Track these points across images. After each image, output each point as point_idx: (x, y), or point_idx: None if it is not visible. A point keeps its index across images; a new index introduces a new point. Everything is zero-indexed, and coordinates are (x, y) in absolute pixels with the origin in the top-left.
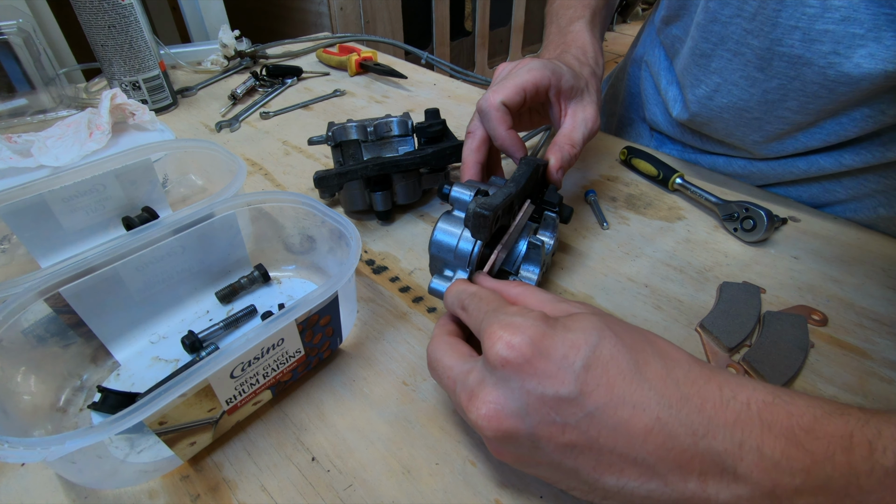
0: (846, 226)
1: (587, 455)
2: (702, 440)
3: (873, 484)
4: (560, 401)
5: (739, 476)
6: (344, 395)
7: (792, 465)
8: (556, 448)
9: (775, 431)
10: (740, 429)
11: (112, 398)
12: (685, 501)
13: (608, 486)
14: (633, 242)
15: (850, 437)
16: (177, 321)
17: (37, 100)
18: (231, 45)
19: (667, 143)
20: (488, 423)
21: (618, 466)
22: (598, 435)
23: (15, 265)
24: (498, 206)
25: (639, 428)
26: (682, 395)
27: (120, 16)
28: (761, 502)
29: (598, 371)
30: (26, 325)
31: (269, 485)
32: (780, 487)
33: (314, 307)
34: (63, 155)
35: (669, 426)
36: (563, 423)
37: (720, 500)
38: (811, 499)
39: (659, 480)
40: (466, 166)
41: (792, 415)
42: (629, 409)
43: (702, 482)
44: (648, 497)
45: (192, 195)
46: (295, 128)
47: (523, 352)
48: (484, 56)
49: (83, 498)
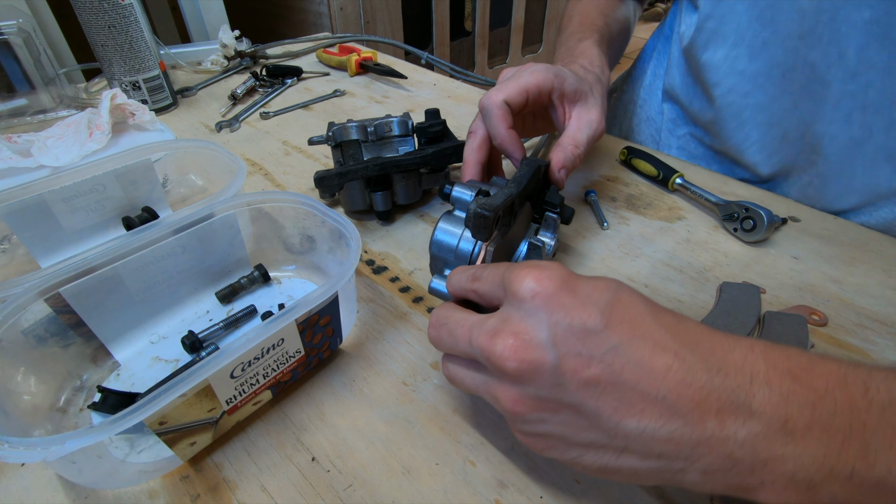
0: (846, 226)
1: (609, 393)
2: (716, 376)
3: (874, 420)
4: (587, 332)
5: (754, 412)
6: (344, 395)
7: (799, 399)
8: (579, 384)
9: (779, 370)
10: (749, 367)
11: (112, 398)
12: (704, 442)
13: (629, 430)
14: (633, 243)
15: (845, 377)
16: (177, 321)
17: (37, 100)
18: (231, 45)
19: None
20: (514, 352)
21: (639, 406)
22: (622, 370)
23: (15, 265)
24: (499, 206)
25: (659, 365)
26: (693, 338)
27: (120, 16)
28: (777, 438)
29: (620, 310)
30: (26, 325)
31: (269, 485)
32: (791, 422)
33: (314, 307)
34: (63, 155)
35: (686, 363)
36: (588, 355)
37: (738, 438)
38: (822, 435)
39: (679, 420)
40: (467, 165)
41: (790, 357)
42: (650, 346)
43: (720, 421)
44: (669, 440)
45: (192, 195)
46: (295, 128)
47: (552, 285)
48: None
49: (83, 498)
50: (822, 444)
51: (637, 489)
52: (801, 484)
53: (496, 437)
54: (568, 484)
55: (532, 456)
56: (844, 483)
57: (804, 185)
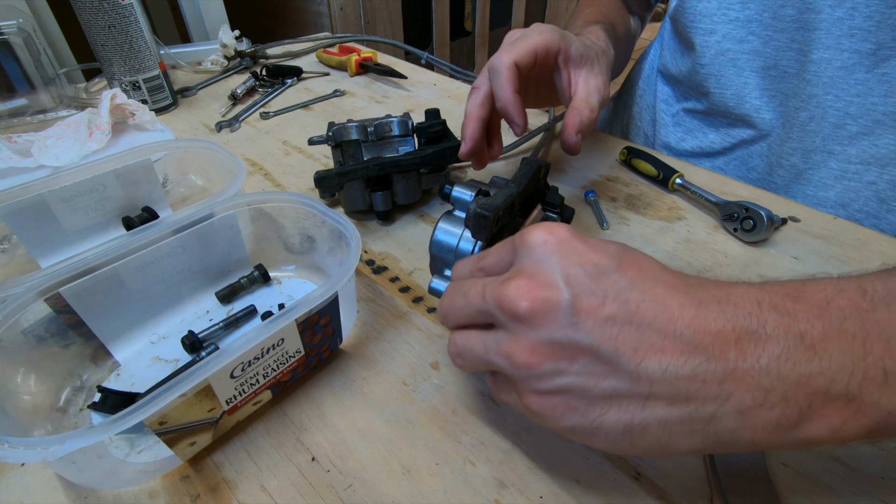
0: (846, 226)
1: (627, 332)
2: (726, 307)
3: (883, 316)
4: (599, 272)
5: (769, 336)
6: (344, 395)
7: (806, 315)
8: (595, 323)
9: (780, 294)
10: (753, 294)
11: (112, 398)
12: (730, 376)
13: (651, 370)
14: (633, 243)
15: (839, 285)
16: (177, 321)
17: (37, 100)
18: (231, 45)
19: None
20: (527, 292)
21: (659, 344)
22: (637, 308)
23: (15, 265)
24: (499, 206)
25: (673, 301)
26: (698, 281)
27: (120, 16)
28: (798, 356)
29: (629, 257)
30: (26, 325)
31: (269, 485)
32: (808, 336)
33: (314, 307)
34: (63, 155)
35: (697, 299)
36: (603, 294)
37: (762, 365)
38: (840, 342)
39: (700, 354)
40: (469, 120)
41: (783, 284)
42: (662, 285)
43: (740, 349)
44: (694, 377)
45: (192, 195)
46: (295, 128)
47: (563, 233)
48: (484, 56)
49: (83, 498)
50: (843, 350)
51: (637, 489)
52: (839, 399)
53: (496, 437)
54: (568, 484)
55: (532, 456)
56: (882, 386)
57: (805, 121)
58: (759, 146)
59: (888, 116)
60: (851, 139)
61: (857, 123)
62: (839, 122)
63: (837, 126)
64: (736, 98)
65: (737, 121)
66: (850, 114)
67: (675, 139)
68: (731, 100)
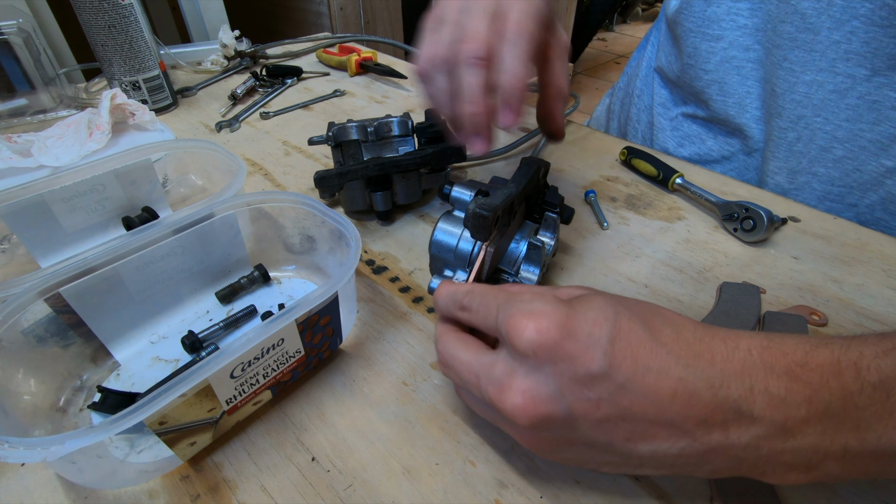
0: (846, 226)
1: (621, 426)
2: (719, 391)
3: (865, 400)
4: (593, 378)
5: (756, 418)
6: (344, 395)
7: (796, 398)
8: (591, 425)
9: (777, 371)
10: (748, 375)
11: (112, 398)
12: (712, 451)
13: (642, 453)
14: (633, 243)
15: (838, 364)
16: (177, 321)
17: (37, 100)
18: (231, 45)
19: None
20: (525, 412)
21: (650, 432)
22: (630, 404)
23: (15, 265)
24: (498, 206)
25: (665, 391)
26: (694, 353)
27: (120, 16)
28: (776, 437)
29: (622, 344)
30: (26, 325)
31: (269, 485)
32: (790, 420)
33: (314, 307)
34: (63, 155)
35: (690, 384)
36: (597, 398)
37: (741, 443)
38: (817, 426)
39: (688, 438)
40: (478, 112)
41: (786, 354)
42: (654, 375)
43: (724, 431)
44: (680, 455)
45: (192, 195)
46: (295, 128)
47: (552, 336)
48: None
49: (83, 498)
50: (817, 433)
51: (637, 489)
52: (800, 467)
53: (496, 437)
54: (568, 484)
55: (532, 456)
56: (839, 460)
57: (792, 142)
58: (754, 159)
59: (873, 144)
60: (836, 162)
61: (843, 148)
62: (826, 145)
63: (825, 149)
64: (737, 107)
65: (734, 130)
66: (837, 138)
67: (673, 144)
68: (732, 108)
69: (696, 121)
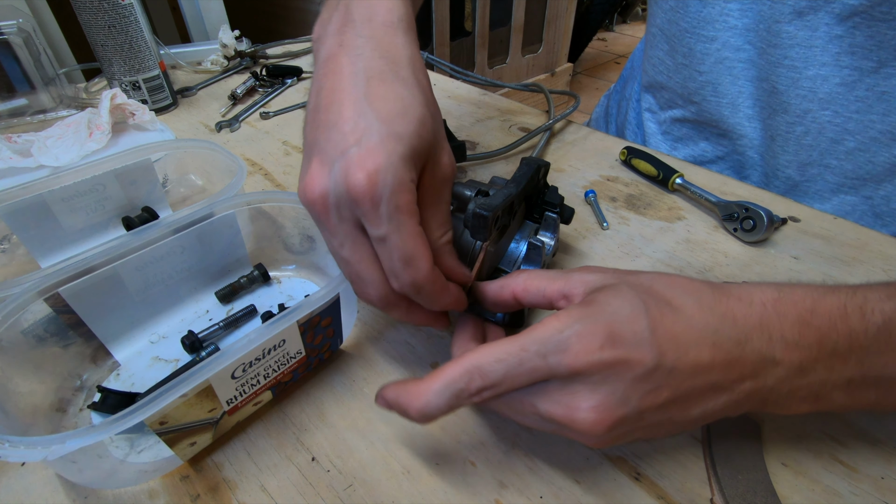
0: (846, 226)
1: (678, 402)
2: (746, 346)
3: (869, 340)
4: (649, 372)
5: (777, 361)
6: (344, 395)
7: (808, 341)
8: (654, 410)
9: (790, 320)
10: (766, 326)
11: (112, 398)
12: (746, 397)
13: (694, 416)
14: (633, 243)
15: (845, 308)
16: (177, 321)
17: (37, 100)
18: (231, 45)
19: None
20: (602, 424)
21: (699, 398)
22: (681, 383)
23: (15, 265)
24: (498, 206)
25: (705, 361)
26: (718, 316)
27: (120, 16)
28: (795, 376)
29: (661, 331)
30: (26, 325)
31: (269, 485)
32: (805, 361)
33: (316, 308)
34: (63, 155)
35: (723, 348)
36: (656, 387)
37: (768, 385)
38: (826, 362)
39: (728, 392)
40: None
41: (796, 303)
42: (694, 350)
43: (754, 379)
44: (724, 408)
45: (192, 195)
46: (295, 128)
47: (606, 352)
48: (484, 56)
49: (83, 498)
50: (826, 369)
51: (637, 489)
52: (810, 399)
53: (496, 437)
54: (568, 484)
55: (532, 456)
56: (843, 389)
57: (800, 135)
58: (751, 156)
59: (884, 135)
60: (848, 154)
61: (854, 139)
62: (837, 138)
63: (835, 141)
64: (731, 107)
65: (727, 131)
66: (848, 130)
67: (666, 147)
68: (725, 108)
69: (687, 123)
